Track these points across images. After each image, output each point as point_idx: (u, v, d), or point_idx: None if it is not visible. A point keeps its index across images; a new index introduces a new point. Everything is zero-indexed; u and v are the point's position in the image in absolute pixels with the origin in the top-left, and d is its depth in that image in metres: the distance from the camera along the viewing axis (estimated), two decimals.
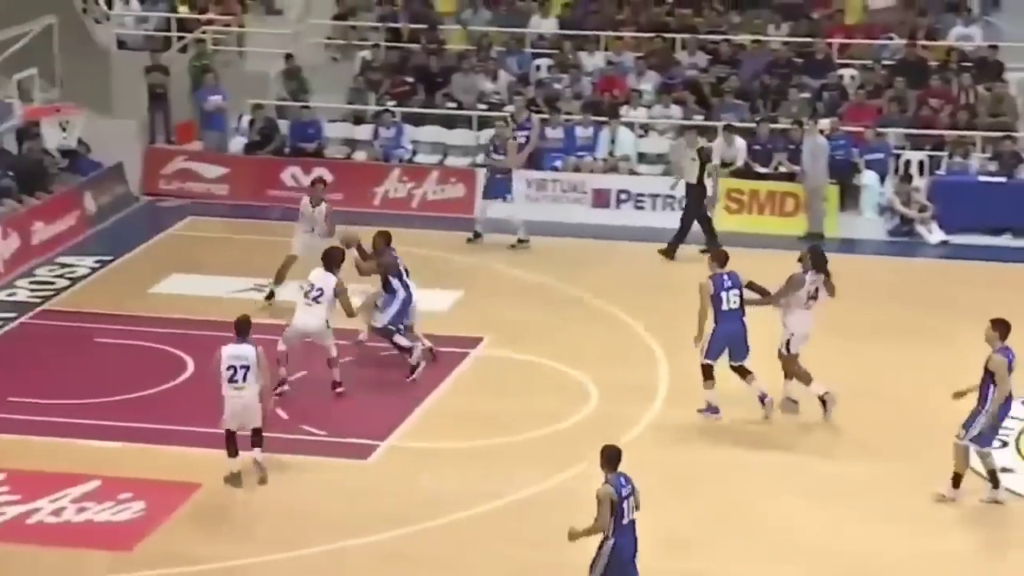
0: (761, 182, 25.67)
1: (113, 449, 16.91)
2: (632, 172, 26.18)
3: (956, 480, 15.82)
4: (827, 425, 17.78)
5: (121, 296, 21.75)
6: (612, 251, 23.98)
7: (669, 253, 23.80)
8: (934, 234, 24.94)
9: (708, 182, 23.99)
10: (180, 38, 29.89)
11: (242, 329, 16.10)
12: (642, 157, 26.57)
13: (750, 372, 17.83)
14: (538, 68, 28.82)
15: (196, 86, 28.33)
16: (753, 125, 26.30)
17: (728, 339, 17.66)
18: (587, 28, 29.34)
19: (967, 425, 15.68)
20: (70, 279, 22.73)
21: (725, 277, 17.74)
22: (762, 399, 17.81)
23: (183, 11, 30.54)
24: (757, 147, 25.96)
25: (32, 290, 22.25)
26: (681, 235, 23.93)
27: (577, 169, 26.45)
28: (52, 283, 22.57)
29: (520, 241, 24.18)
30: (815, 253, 18.22)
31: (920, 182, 25.47)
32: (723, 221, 24.95)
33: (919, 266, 24.11)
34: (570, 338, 20.14)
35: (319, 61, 29.80)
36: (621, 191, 25.82)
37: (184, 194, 26.75)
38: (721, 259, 17.93)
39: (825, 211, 25.08)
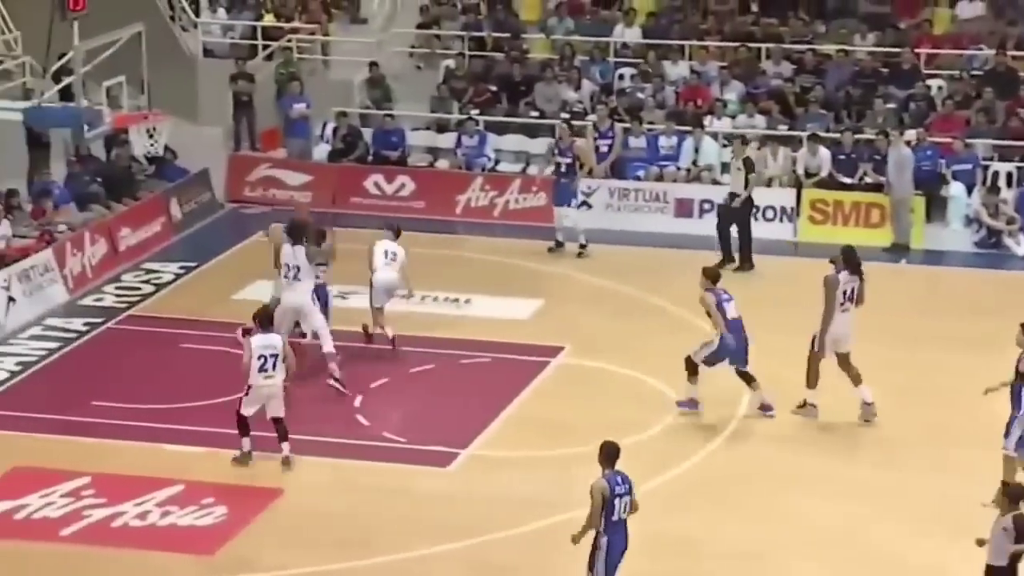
0: (845, 193, 25.47)
1: (196, 454, 17.04)
2: (715, 182, 26.04)
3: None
4: (912, 439, 17.60)
5: (205, 302, 21.93)
6: (694, 261, 23.80)
7: (745, 265, 23.63)
8: (1022, 246, 24.65)
9: (750, 192, 23.80)
10: (265, 46, 30.14)
11: (265, 320, 16.66)
12: (725, 167, 26.45)
13: (755, 379, 17.88)
14: (621, 77, 28.77)
15: (281, 94, 28.55)
16: (838, 135, 26.12)
17: (731, 350, 17.75)
18: (671, 37, 29.26)
19: (1006, 434, 15.55)
20: (156, 285, 22.95)
21: (721, 291, 17.88)
22: (765, 408, 17.85)
23: (269, 20, 30.77)
24: (842, 157, 25.75)
25: (118, 295, 22.48)
26: (746, 244, 23.74)
27: (660, 179, 26.37)
28: (138, 288, 22.81)
29: (581, 247, 24.12)
30: (848, 253, 18.15)
31: (1008, 194, 25.17)
32: (807, 232, 24.79)
33: (1006, 278, 23.82)
34: (651, 348, 20.06)
35: (403, 69, 29.94)
36: (704, 201, 25.70)
37: (268, 201, 26.92)
38: (714, 277, 18.04)
39: (911, 222, 24.84)
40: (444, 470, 16.85)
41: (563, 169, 24.51)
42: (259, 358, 16.36)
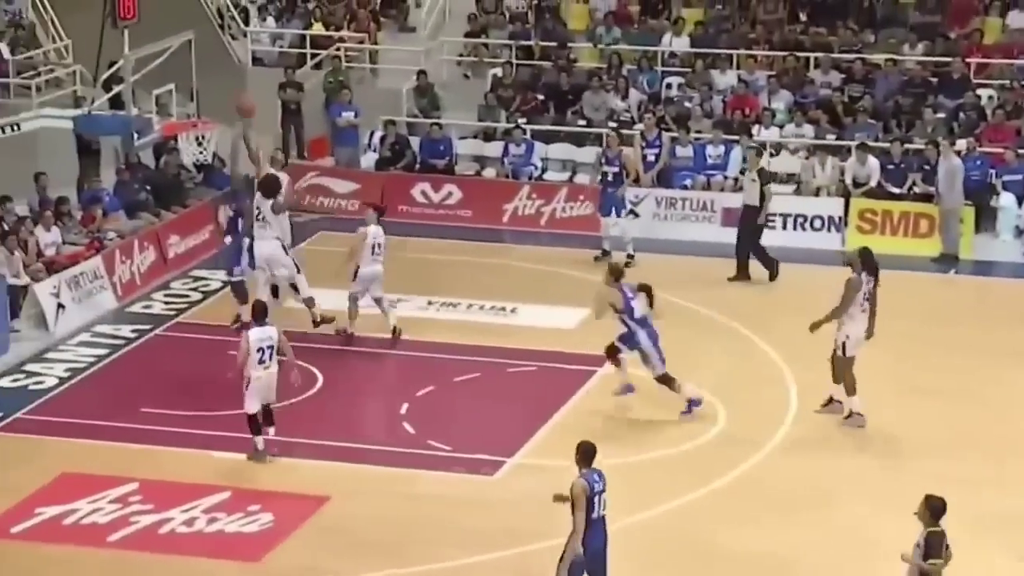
0: (894, 202, 25.34)
1: (243, 461, 17.09)
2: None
3: None
4: (963, 450, 17.48)
5: None
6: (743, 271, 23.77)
7: (772, 274, 23.52)
8: None
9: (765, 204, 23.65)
10: (314, 55, 30.25)
11: (260, 313, 16.98)
12: (773, 176, 26.33)
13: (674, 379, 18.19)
14: (669, 86, 28.73)
15: (329, 102, 28.65)
16: (887, 145, 25.98)
17: (642, 347, 18.05)
18: (719, 46, 29.20)
19: None
20: (203, 292, 23.05)
21: (625, 288, 18.18)
22: (692, 403, 18.05)
23: (317, 28, 30.89)
24: (890, 167, 25.63)
25: (167, 302, 22.59)
26: (764, 256, 23.57)
27: (707, 188, 26.31)
28: (186, 296, 22.92)
29: (629, 256, 24.00)
30: (866, 255, 18.16)
31: None
32: (855, 241, 24.66)
33: None
34: (698, 357, 19.99)
35: (451, 78, 29.99)
36: None
37: (316, 209, 27.00)
38: (616, 273, 18.35)
39: (961, 233, 24.68)
40: (489, 478, 16.84)
41: (610, 178, 24.44)
42: (257, 351, 16.68)
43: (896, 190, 25.50)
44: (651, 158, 26.24)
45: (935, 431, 17.89)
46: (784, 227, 25.33)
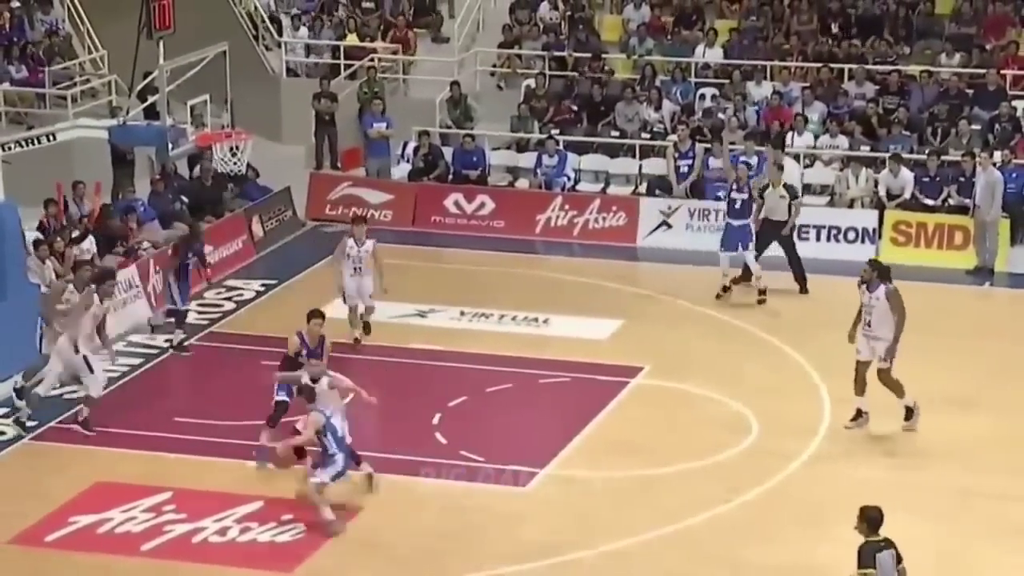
0: (929, 214, 25.23)
1: (276, 471, 17.10)
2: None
3: None
4: (1000, 463, 17.39)
5: (287, 320, 21.94)
6: (774, 282, 23.69)
7: (803, 288, 23.44)
8: None
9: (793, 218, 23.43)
10: (347, 65, 30.33)
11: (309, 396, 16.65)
12: (807, 188, 26.28)
13: None
14: (702, 97, 28.69)
15: (362, 113, 28.71)
16: (922, 157, 25.88)
17: None
18: (753, 58, 29.15)
19: None
20: (237, 302, 23.11)
21: None
22: None
23: (351, 39, 30.97)
24: (926, 179, 25.53)
25: (200, 312, 22.64)
26: (800, 268, 23.48)
27: None
28: (220, 306, 22.98)
29: (760, 294, 22.93)
30: (881, 265, 18.26)
31: None
32: (889, 253, 24.60)
33: None
34: (732, 369, 19.97)
35: (484, 89, 30.02)
36: None
37: (348, 219, 26.98)
38: None
39: (998, 245, 24.55)
40: (522, 489, 16.81)
41: (738, 206, 22.91)
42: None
43: (930, 202, 25.38)
44: (684, 169, 26.18)
45: (969, 444, 17.79)
46: (817, 239, 25.25)
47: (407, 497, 16.58)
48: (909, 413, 18.18)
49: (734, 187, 23.09)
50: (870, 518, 12.32)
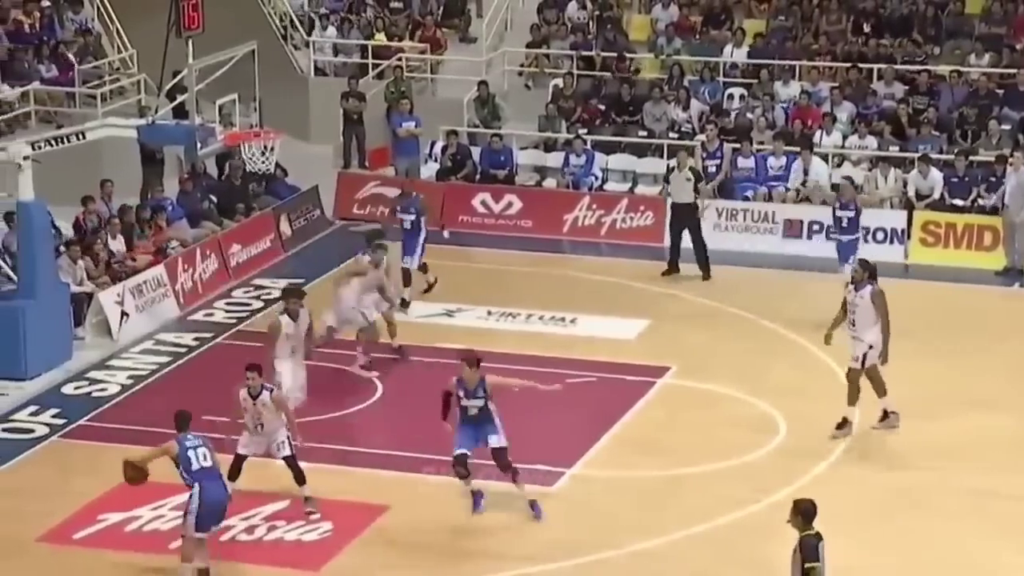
0: (958, 215, 25.14)
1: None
2: (825, 202, 25.81)
3: None
4: None
5: (314, 318, 22.03)
6: (803, 282, 23.65)
7: (706, 274, 23.76)
8: None
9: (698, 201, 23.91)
10: (376, 65, 30.37)
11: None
12: (835, 187, 26.19)
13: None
14: (730, 97, 28.64)
15: (390, 112, 28.73)
16: (950, 157, 25.77)
17: None
18: (781, 57, 29.07)
19: None
20: (265, 301, 23.16)
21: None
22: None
23: (379, 39, 31.01)
24: (955, 180, 25.43)
25: (228, 311, 22.72)
26: (704, 254, 23.78)
27: (768, 199, 26.19)
28: (248, 304, 23.04)
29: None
30: (870, 264, 18.22)
31: None
32: (918, 254, 24.55)
33: None
34: (759, 370, 19.94)
35: (512, 88, 30.00)
36: (813, 222, 25.47)
37: (376, 219, 27.00)
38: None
39: None
40: (548, 489, 16.76)
41: (845, 224, 22.52)
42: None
43: (960, 203, 25.28)
44: (712, 169, 26.14)
45: (995, 445, 17.73)
46: None
47: (433, 496, 16.56)
48: (885, 415, 18.12)
49: (837, 205, 22.88)
50: (804, 511, 12.31)
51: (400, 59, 30.10)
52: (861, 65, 28.38)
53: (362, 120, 28.98)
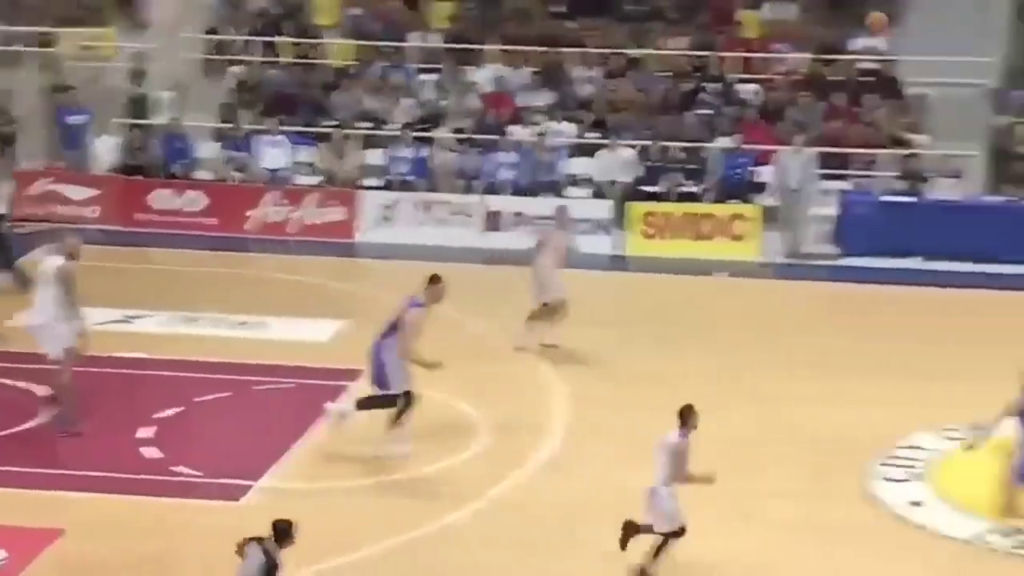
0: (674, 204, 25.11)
1: None
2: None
3: None
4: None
5: None
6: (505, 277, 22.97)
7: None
8: None
9: None
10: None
11: None
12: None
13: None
14: (422, 84, 27.95)
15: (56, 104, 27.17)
16: (648, 143, 25.80)
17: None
18: (474, 41, 28.43)
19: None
20: None
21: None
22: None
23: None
24: (651, 165, 25.57)
25: None
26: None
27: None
28: None
29: None
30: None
31: None
32: (637, 246, 24.25)
33: None
34: (460, 370, 19.06)
35: (191, 77, 28.85)
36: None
37: (50, 218, 25.43)
38: None
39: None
40: (235, 504, 15.68)
41: None
42: None
43: (656, 189, 25.32)
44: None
45: None
46: None
47: (113, 517, 15.30)
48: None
49: None
50: (279, 530, 12.61)
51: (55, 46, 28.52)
52: (559, 49, 27.86)
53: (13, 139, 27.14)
